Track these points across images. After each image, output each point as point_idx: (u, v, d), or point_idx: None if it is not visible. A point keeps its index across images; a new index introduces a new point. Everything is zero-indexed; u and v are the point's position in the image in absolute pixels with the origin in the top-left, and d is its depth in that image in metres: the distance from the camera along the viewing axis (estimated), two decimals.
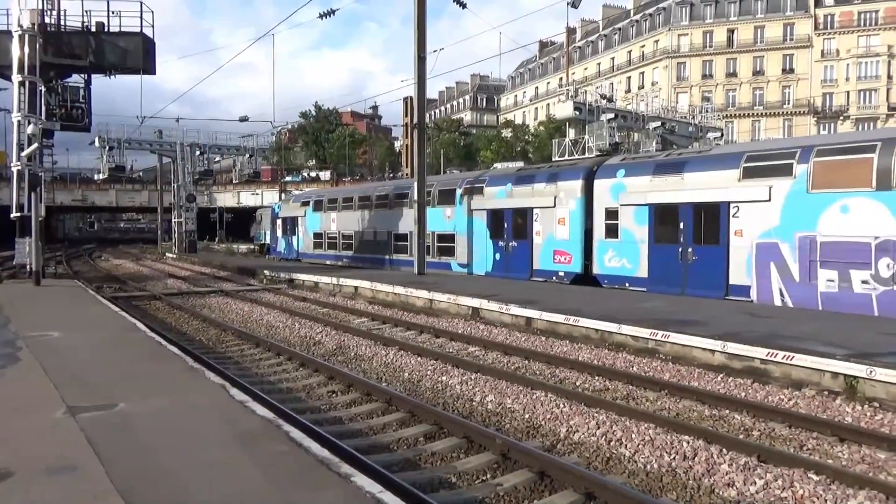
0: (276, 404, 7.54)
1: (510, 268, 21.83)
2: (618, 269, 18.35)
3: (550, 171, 21.27)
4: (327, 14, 23.98)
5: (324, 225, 33.33)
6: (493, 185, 22.89)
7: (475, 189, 23.54)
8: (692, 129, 36.41)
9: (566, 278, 19.87)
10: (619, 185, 18.42)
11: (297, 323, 14.89)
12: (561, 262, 20.06)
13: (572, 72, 77.40)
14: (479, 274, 22.97)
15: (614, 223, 18.40)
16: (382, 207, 28.83)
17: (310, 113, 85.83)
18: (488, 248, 22.78)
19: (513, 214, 21.81)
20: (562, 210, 20.00)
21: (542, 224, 20.64)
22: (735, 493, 5.61)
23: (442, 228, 25.03)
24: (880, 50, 63.69)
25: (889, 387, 8.27)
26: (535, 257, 20.95)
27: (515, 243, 21.70)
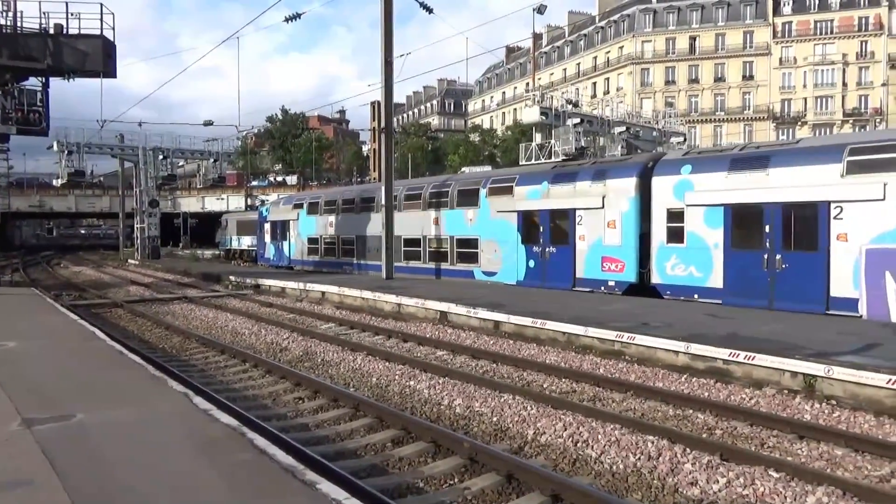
0: (240, 412, 7.42)
1: (548, 276, 19.45)
2: (683, 278, 16.14)
3: (596, 168, 18.96)
4: (293, 18, 23.82)
5: (319, 229, 30.71)
6: (525, 184, 20.57)
7: (503, 189, 21.26)
8: (656, 133, 37.03)
9: (617, 288, 17.55)
10: (684, 183, 16.17)
11: (263, 329, 14.70)
12: (611, 270, 17.72)
13: (539, 77, 78.13)
14: (509, 283, 20.48)
15: (678, 226, 16.23)
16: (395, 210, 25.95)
17: (276, 117, 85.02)
18: (520, 254, 20.34)
19: (550, 217, 19.50)
20: (612, 211, 17.68)
21: (586, 227, 18.31)
22: (698, 492, 5.70)
23: (462, 233, 22.65)
24: (835, 58, 65.61)
25: (846, 385, 8.50)
26: (578, 265, 18.58)
27: (553, 249, 19.32)
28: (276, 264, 33.95)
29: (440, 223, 23.52)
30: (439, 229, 23.56)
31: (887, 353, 9.33)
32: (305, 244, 31.52)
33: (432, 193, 24.24)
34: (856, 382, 8.38)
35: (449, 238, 23.03)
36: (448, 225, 22.98)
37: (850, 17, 65.67)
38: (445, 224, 23.07)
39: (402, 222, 24.36)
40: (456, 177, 26.89)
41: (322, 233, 30.38)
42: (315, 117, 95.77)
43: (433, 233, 23.89)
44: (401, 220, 24.32)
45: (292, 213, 32.69)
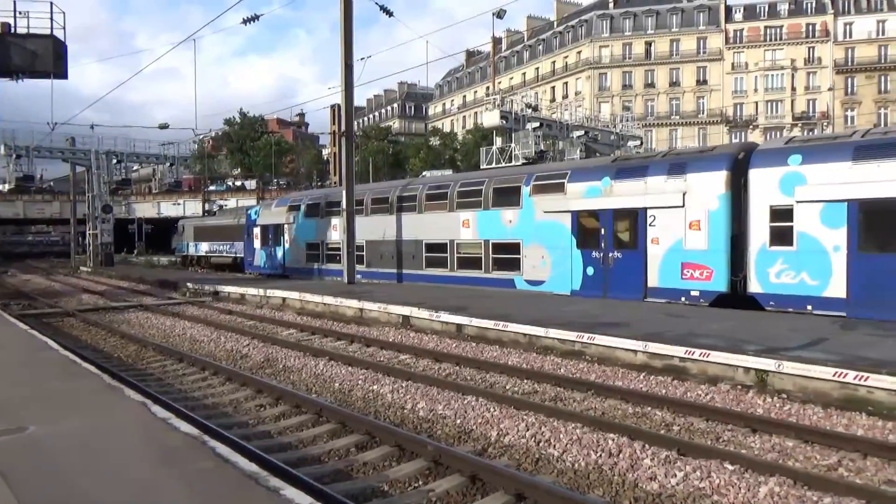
0: (200, 420, 7.32)
1: (611, 286, 17.01)
2: (792, 286, 13.96)
3: (673, 161, 16.58)
4: (251, 19, 23.59)
5: (320, 233, 27.80)
6: (580, 180, 18.18)
7: (551, 186, 18.82)
8: (614, 137, 37.67)
9: (703, 299, 15.26)
10: (793, 176, 13.99)
11: (222, 336, 14.48)
12: (693, 277, 15.45)
13: (498, 81, 78.68)
14: (562, 294, 18.00)
15: (786, 225, 14.09)
16: (406, 211, 23.68)
17: (234, 120, 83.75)
18: (574, 260, 17.92)
19: (613, 217, 17.10)
20: (694, 210, 15.46)
21: (661, 229, 16.04)
22: (657, 486, 5.84)
23: (500, 236, 20.07)
24: (785, 63, 67.76)
25: (796, 379, 8.81)
26: (650, 272, 16.25)
27: (618, 254, 16.98)
28: (267, 272, 31.11)
29: (471, 226, 21.00)
30: (469, 232, 21.09)
31: (834, 347, 9.70)
32: (303, 250, 28.73)
33: (460, 192, 21.72)
34: (804, 376, 8.70)
35: (483, 243, 20.55)
36: (482, 228, 20.57)
37: (798, 24, 67.95)
38: (477, 227, 20.67)
39: (416, 225, 22.63)
40: (491, 172, 24.39)
41: (324, 238, 27.63)
42: (274, 120, 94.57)
43: (461, 236, 21.35)
44: (415, 222, 22.57)
45: (287, 217, 29.92)
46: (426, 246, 22.51)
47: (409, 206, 23.37)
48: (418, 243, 22.71)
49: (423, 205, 22.72)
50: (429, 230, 22.35)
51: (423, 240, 22.52)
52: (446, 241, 21.76)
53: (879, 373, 8.09)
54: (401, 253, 23.52)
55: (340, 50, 22.97)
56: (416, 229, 22.78)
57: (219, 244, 40.94)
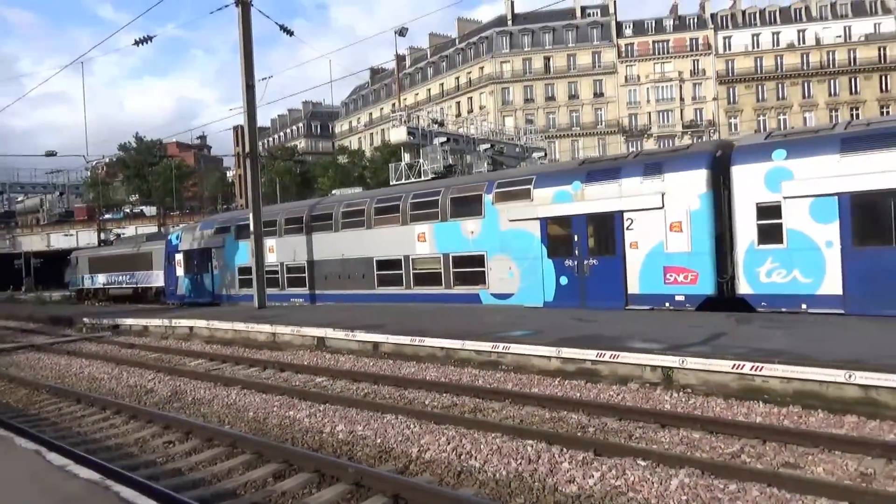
0: (102, 464, 6.85)
1: (589, 295, 16.27)
2: (785, 285, 13.55)
3: (647, 162, 15.88)
4: (144, 41, 22.68)
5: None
6: (548, 184, 17.29)
7: (516, 193, 17.90)
8: (519, 149, 38.62)
9: (689, 303, 14.76)
10: (779, 171, 13.61)
11: (124, 372, 13.68)
12: (678, 282, 14.89)
13: (404, 97, 79.22)
14: (534, 306, 17.24)
15: (774, 223, 13.69)
16: (353, 227, 22.22)
17: (130, 145, 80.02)
18: (546, 270, 17.10)
19: (587, 223, 16.37)
20: (675, 211, 14.90)
21: (639, 232, 15.44)
22: (576, 488, 5.97)
23: (461, 249, 18.99)
24: (673, 76, 71.96)
25: (698, 373, 9.28)
26: (630, 278, 15.64)
27: (594, 261, 16.26)
28: (194, 300, 28.73)
29: (427, 239, 19.87)
30: (426, 247, 19.96)
31: (731, 341, 10.30)
32: (236, 275, 26.46)
33: (414, 204, 20.52)
34: (706, 370, 9.18)
35: (442, 257, 19.43)
36: (440, 241, 19.49)
37: (683, 38, 72.39)
38: (435, 240, 19.59)
39: (366, 242, 21.39)
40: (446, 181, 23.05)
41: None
42: (173, 144, 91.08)
43: (417, 251, 20.18)
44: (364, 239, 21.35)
45: (215, 240, 27.74)
46: (378, 263, 21.25)
47: (355, 221, 22.04)
48: (368, 261, 21.43)
49: (373, 219, 21.42)
50: (380, 246, 21.14)
51: (374, 257, 21.29)
52: (400, 257, 20.54)
53: (772, 363, 8.65)
54: (349, 273, 22.17)
55: (241, 71, 22.46)
56: (366, 246, 21.51)
57: (118, 275, 38.79)
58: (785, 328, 11.43)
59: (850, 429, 7.30)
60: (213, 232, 28.21)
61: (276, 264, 24.78)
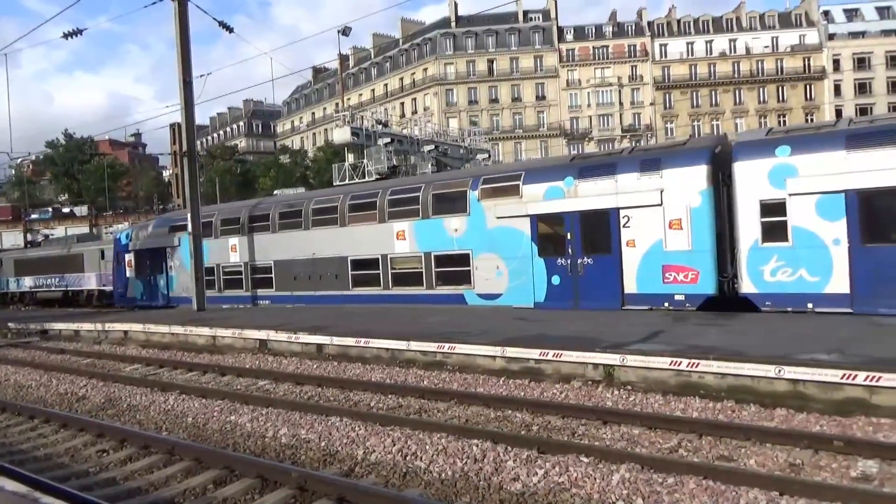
0: (29, 475, 6.52)
1: (583, 295, 15.71)
2: (790, 284, 13.20)
3: (644, 157, 15.43)
4: (73, 34, 21.78)
5: (215, 255, 23.91)
6: (538, 181, 16.63)
7: (504, 189, 17.19)
8: (463, 151, 38.87)
9: (689, 303, 14.33)
10: (783, 168, 13.29)
11: (54, 379, 13.08)
12: (677, 280, 14.46)
13: (347, 98, 78.57)
14: (524, 307, 16.49)
15: (779, 220, 13.35)
16: (325, 224, 21.04)
17: (58, 142, 76.62)
18: (536, 270, 16.46)
19: (580, 220, 15.74)
20: (674, 208, 14.46)
21: (637, 230, 14.95)
22: (520, 486, 6.04)
23: (444, 247, 18.19)
24: (612, 80, 73.74)
25: (638, 371, 9.53)
26: (626, 277, 15.10)
27: (589, 260, 15.66)
28: (147, 304, 26.78)
29: (408, 237, 18.91)
30: (405, 245, 19.00)
31: (669, 338, 10.61)
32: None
33: (392, 200, 19.46)
34: (646, 367, 9.44)
35: (423, 256, 18.56)
36: (421, 239, 18.61)
37: (622, 44, 74.30)
38: (416, 238, 18.71)
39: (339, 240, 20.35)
40: (428, 177, 22.14)
41: (219, 260, 24.02)
42: (106, 141, 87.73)
43: (396, 250, 19.17)
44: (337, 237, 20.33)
45: (170, 239, 25.84)
46: (353, 263, 20.23)
47: (328, 218, 20.96)
48: (342, 261, 20.37)
49: (347, 216, 20.37)
50: (355, 245, 20.14)
51: (349, 256, 20.24)
52: (377, 257, 19.56)
53: (708, 359, 8.96)
54: (320, 273, 21.03)
55: (177, 66, 21.83)
56: (339, 245, 20.46)
57: (46, 278, 37.08)
58: (717, 325, 11.86)
59: (779, 422, 7.63)
60: (167, 230, 26.34)
61: (239, 264, 23.55)
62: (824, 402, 8.00)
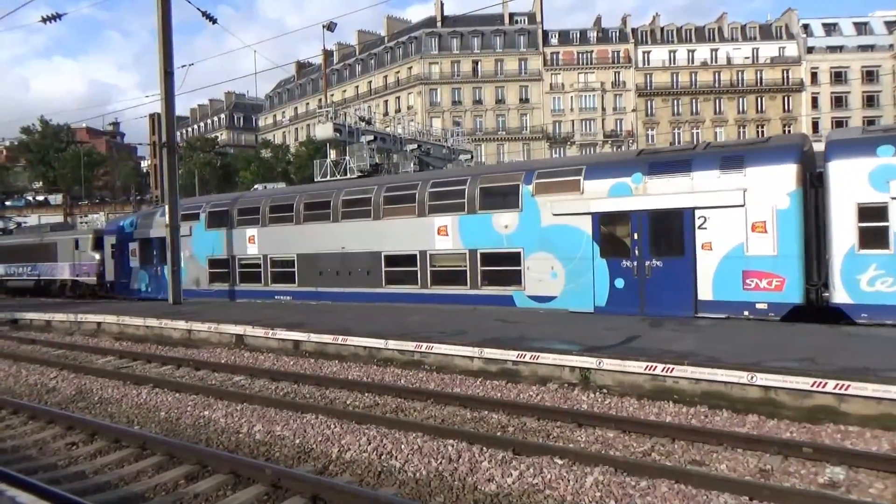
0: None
1: (650, 300, 14.57)
2: (891, 295, 12.18)
3: (726, 154, 14.36)
4: (52, 18, 21.38)
5: (231, 247, 22.91)
6: (602, 176, 15.50)
7: (562, 184, 16.02)
8: (446, 151, 38.85)
9: (772, 312, 13.21)
10: (886, 169, 12.28)
11: (23, 370, 12.85)
12: (759, 287, 13.37)
13: (331, 94, 78.18)
14: (582, 311, 15.34)
15: (880, 226, 12.37)
16: (357, 217, 19.73)
17: (34, 128, 75.23)
18: (597, 271, 15.28)
19: (650, 219, 14.61)
20: (758, 210, 13.39)
21: (714, 232, 13.86)
22: (495, 487, 6.06)
23: (492, 245, 16.97)
24: (595, 86, 74.26)
25: (614, 374, 9.60)
26: (701, 283, 14.02)
27: (658, 263, 14.53)
28: (151, 297, 25.24)
29: (450, 233, 17.70)
30: (448, 241, 17.76)
31: (645, 343, 10.71)
32: (205, 268, 23.78)
33: (433, 193, 18.19)
34: (621, 371, 9.51)
35: (468, 253, 17.32)
36: (466, 235, 17.42)
37: (606, 50, 74.82)
38: (460, 234, 17.52)
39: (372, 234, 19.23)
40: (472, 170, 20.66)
41: (235, 252, 22.84)
42: (84, 129, 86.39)
43: (437, 246, 17.95)
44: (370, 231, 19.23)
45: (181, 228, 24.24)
46: (386, 259, 18.94)
47: (360, 210, 19.70)
48: (375, 256, 19.11)
49: (382, 209, 19.10)
50: (390, 240, 18.88)
51: (383, 251, 18.97)
52: (415, 253, 18.27)
53: (682, 364, 9.06)
54: (350, 268, 19.79)
55: (159, 56, 21.54)
56: (372, 239, 19.24)
57: (18, 266, 36.37)
58: (694, 332, 11.99)
59: (751, 428, 7.74)
60: None
61: (257, 257, 22.22)
62: (795, 409, 8.13)
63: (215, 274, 23.55)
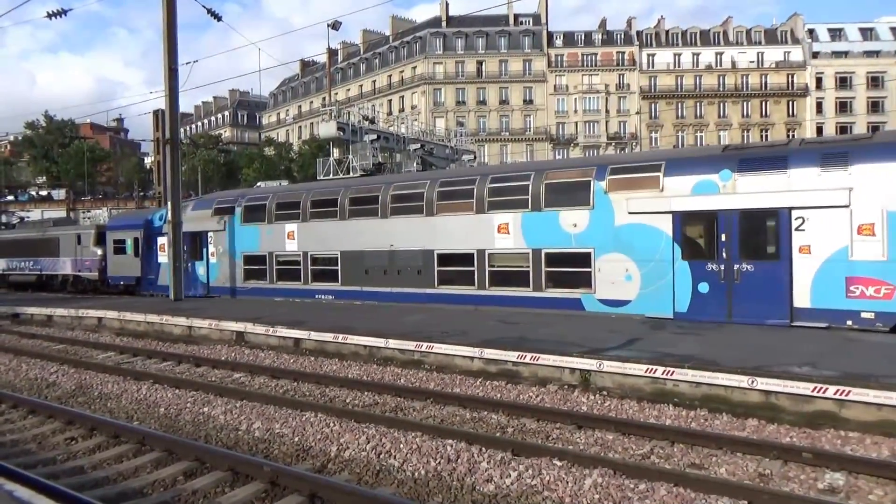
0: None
1: (739, 307, 13.44)
2: None
3: (828, 150, 13.22)
4: (58, 14, 21.40)
5: (268, 243, 21.96)
6: (684, 172, 14.49)
7: (638, 180, 15.01)
8: (449, 151, 38.83)
9: (880, 322, 12.14)
10: None
11: (24, 364, 12.88)
12: (865, 295, 12.33)
13: (335, 92, 78.19)
14: (660, 316, 14.33)
15: None
16: (408, 213, 18.75)
17: (38, 123, 75.33)
18: (679, 275, 14.23)
19: (739, 219, 13.53)
20: (866, 211, 12.31)
21: (814, 234, 12.82)
22: (493, 488, 6.05)
23: (559, 244, 15.90)
24: (600, 88, 74.19)
25: (614, 376, 9.59)
26: (797, 289, 12.95)
27: (748, 267, 13.44)
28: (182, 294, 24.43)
29: (512, 231, 16.67)
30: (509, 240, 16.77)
31: (646, 346, 10.69)
32: (240, 265, 22.73)
33: (493, 189, 17.15)
34: (622, 374, 9.49)
35: (531, 253, 16.32)
36: (529, 233, 16.42)
37: (610, 52, 74.75)
38: (522, 233, 16.52)
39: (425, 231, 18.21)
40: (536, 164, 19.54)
41: (273, 248, 21.87)
42: (88, 125, 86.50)
43: (496, 245, 16.98)
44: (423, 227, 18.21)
45: (213, 223, 23.52)
46: (440, 257, 17.96)
47: (411, 206, 18.73)
48: (427, 254, 18.13)
49: (435, 205, 18.09)
50: (444, 237, 17.90)
51: (436, 250, 18.00)
52: (472, 252, 17.28)
53: (683, 367, 9.04)
54: (399, 267, 18.86)
55: (163, 53, 21.57)
56: (424, 236, 18.27)
57: (20, 261, 36.40)
58: (696, 335, 11.97)
59: (751, 432, 7.72)
60: (209, 213, 23.80)
61: (297, 254, 21.19)
62: (795, 413, 8.11)
63: (251, 271, 22.59)
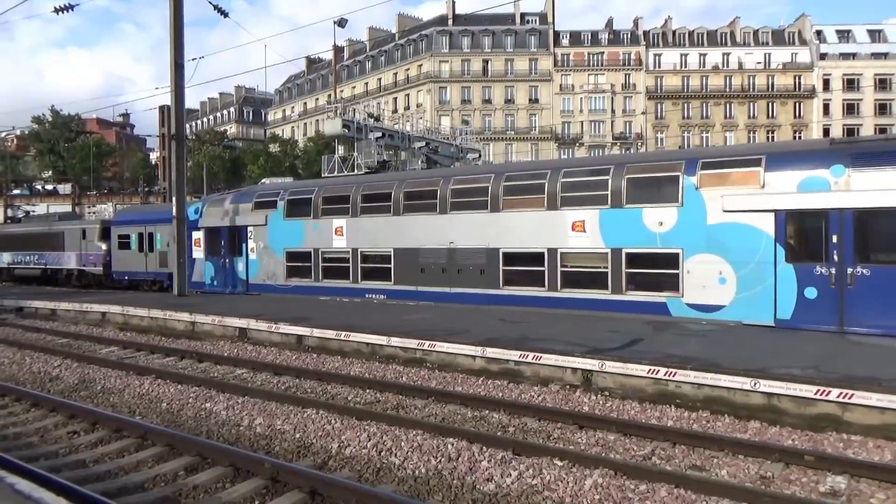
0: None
1: (853, 314, 12.25)
2: None
3: None
4: (65, 9, 21.45)
5: (313, 238, 20.96)
6: (789, 167, 13.27)
7: (735, 176, 13.91)
8: (454, 149, 38.83)
9: None
10: None
11: (28, 357, 12.93)
12: None
13: (340, 89, 78.20)
14: (759, 323, 13.15)
15: None
16: (470, 209, 17.73)
17: (45, 118, 75.57)
18: (781, 278, 13.08)
19: (854, 219, 12.36)
20: None
21: None
22: (494, 487, 6.04)
23: (639, 244, 14.85)
24: (605, 87, 74.03)
25: (616, 377, 9.57)
26: None
27: (864, 271, 12.22)
28: (218, 290, 23.48)
29: (588, 229, 15.59)
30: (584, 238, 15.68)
31: (648, 347, 10.67)
32: (282, 261, 21.79)
33: (566, 184, 16.07)
34: (624, 374, 9.48)
35: (610, 252, 15.22)
36: (607, 232, 15.33)
37: (617, 52, 74.57)
38: (600, 230, 15.44)
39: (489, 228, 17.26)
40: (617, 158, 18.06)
41: (319, 244, 20.92)
42: (94, 120, 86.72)
43: (570, 244, 15.89)
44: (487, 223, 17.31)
45: (253, 217, 22.59)
46: (505, 256, 16.95)
47: (474, 201, 17.71)
48: (492, 253, 17.10)
49: (501, 200, 17.10)
50: (510, 235, 16.87)
51: (501, 248, 17.01)
52: (542, 251, 16.24)
53: (685, 369, 9.02)
54: (459, 266, 17.82)
55: (170, 48, 21.60)
56: (488, 234, 17.26)
57: (26, 254, 36.55)
58: (699, 336, 11.94)
59: (753, 434, 7.70)
60: (251, 206, 22.84)
61: (345, 250, 20.24)
62: (798, 416, 8.09)
63: (294, 268, 21.61)
